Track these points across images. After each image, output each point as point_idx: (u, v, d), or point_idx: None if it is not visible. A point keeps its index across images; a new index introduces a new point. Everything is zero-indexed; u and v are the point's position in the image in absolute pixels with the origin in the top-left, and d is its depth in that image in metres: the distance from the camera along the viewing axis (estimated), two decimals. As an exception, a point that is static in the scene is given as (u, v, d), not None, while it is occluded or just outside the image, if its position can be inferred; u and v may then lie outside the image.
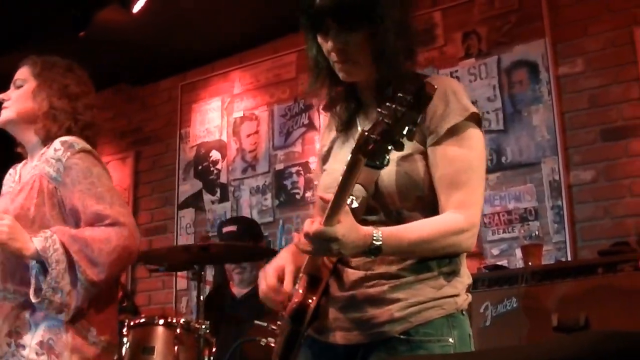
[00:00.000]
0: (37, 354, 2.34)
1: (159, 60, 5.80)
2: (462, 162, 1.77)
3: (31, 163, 2.60)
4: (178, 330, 3.09)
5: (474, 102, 4.45)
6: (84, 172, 2.44)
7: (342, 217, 1.59)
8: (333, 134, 2.04)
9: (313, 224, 1.62)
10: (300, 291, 1.81)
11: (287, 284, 1.81)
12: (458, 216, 1.74)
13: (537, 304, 3.22)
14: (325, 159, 2.05)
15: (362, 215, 1.74)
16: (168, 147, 6.04)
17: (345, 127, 1.99)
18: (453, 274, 1.82)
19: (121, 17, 4.86)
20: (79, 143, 2.50)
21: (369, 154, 1.46)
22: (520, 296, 3.27)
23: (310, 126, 5.33)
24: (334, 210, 1.58)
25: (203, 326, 3.16)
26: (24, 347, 2.36)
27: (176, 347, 3.07)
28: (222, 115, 5.83)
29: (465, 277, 1.86)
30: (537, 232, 4.11)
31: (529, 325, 3.18)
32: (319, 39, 1.85)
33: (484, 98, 4.54)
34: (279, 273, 1.85)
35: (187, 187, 5.88)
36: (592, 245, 3.94)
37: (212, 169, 5.79)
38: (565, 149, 4.21)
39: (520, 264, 3.86)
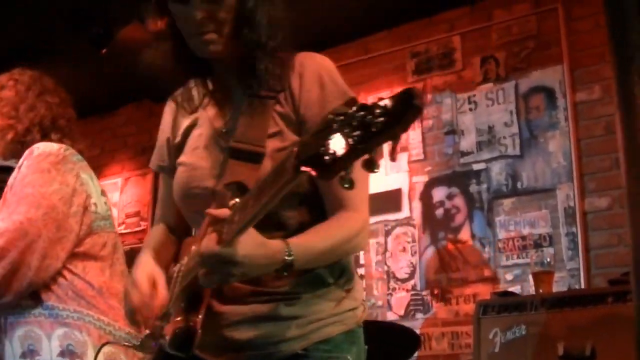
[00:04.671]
0: None
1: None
2: None
3: None
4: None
5: (491, 127, 4.54)
6: (21, 179, 2.15)
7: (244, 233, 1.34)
8: (186, 121, 1.77)
9: (205, 242, 1.37)
10: (178, 317, 1.55)
11: (163, 290, 1.53)
12: (353, 216, 1.56)
13: (545, 331, 3.20)
14: (178, 150, 1.76)
15: None
16: (187, 164, 6.08)
17: (193, 112, 1.75)
18: (348, 283, 1.65)
19: (143, 33, 4.91)
20: (40, 147, 2.22)
21: (323, 169, 1.08)
22: (528, 323, 3.25)
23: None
24: (245, 227, 1.32)
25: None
26: None
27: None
28: (242, 134, 5.83)
29: (359, 286, 1.70)
30: (548, 259, 4.08)
31: (536, 353, 3.17)
32: (175, 8, 1.60)
33: (501, 123, 4.54)
34: (150, 279, 1.55)
35: (206, 203, 5.90)
36: (605, 273, 3.90)
37: (230, 186, 5.79)
38: (580, 176, 4.19)
39: (533, 290, 3.85)
